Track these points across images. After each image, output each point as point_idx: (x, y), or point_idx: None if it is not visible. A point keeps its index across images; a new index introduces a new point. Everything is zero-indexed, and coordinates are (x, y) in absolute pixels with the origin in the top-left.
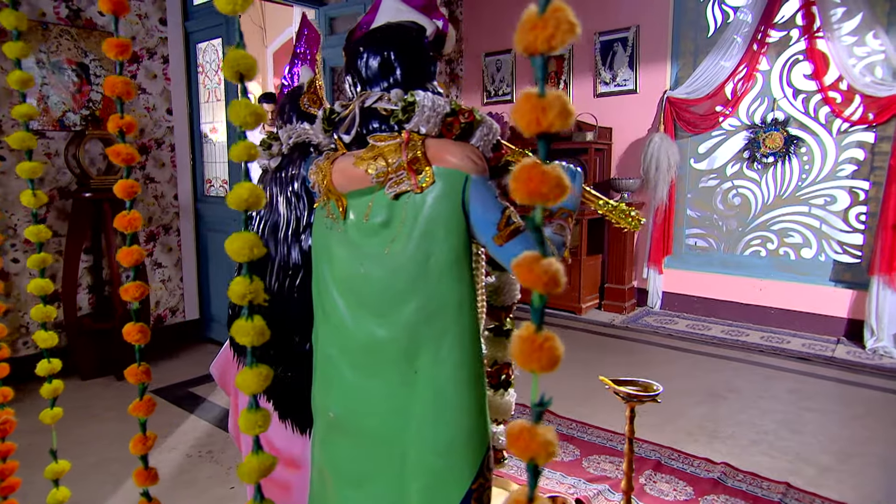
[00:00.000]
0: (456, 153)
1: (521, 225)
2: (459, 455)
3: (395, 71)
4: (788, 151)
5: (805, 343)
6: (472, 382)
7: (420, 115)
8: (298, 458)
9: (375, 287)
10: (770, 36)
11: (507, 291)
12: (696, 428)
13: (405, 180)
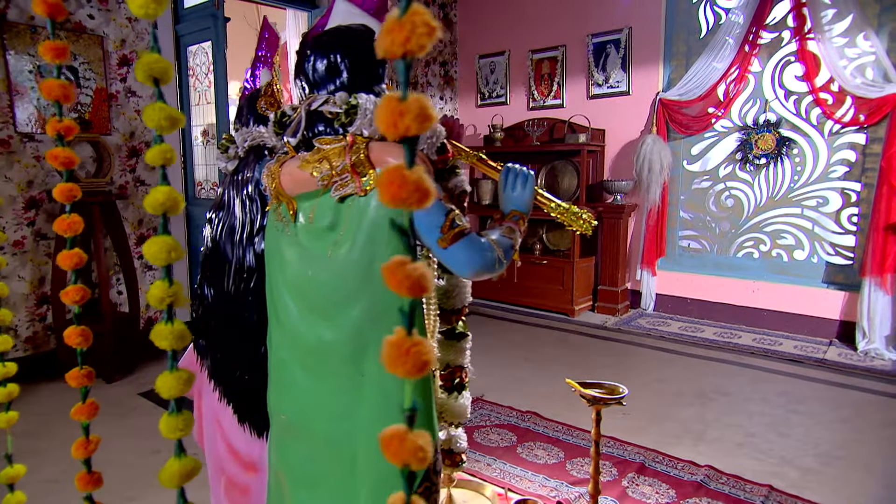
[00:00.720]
0: (398, 156)
1: (466, 228)
2: None
3: (342, 74)
4: (780, 153)
5: (797, 345)
6: (418, 385)
7: (362, 118)
8: (257, 462)
9: (323, 290)
10: (762, 37)
11: (457, 294)
12: (683, 430)
13: (350, 183)
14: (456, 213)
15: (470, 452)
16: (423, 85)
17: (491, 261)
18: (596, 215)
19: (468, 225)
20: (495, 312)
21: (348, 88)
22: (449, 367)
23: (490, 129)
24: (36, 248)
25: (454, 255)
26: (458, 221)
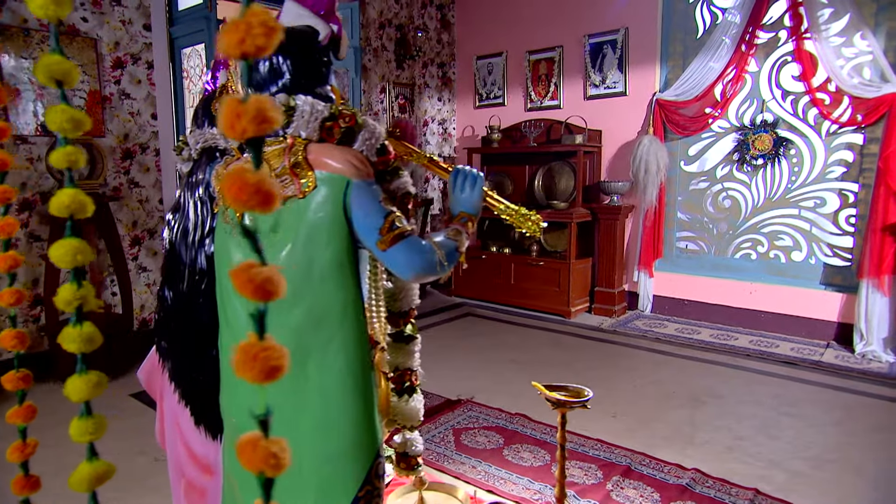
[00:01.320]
0: (337, 158)
1: (407, 230)
2: (346, 462)
3: (284, 75)
4: (778, 153)
5: (794, 347)
6: (358, 389)
7: (299, 120)
8: (212, 464)
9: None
10: (758, 37)
11: (403, 297)
12: (672, 433)
13: (290, 185)
14: (396, 215)
15: (455, 455)
16: (420, 86)
17: (432, 263)
18: (592, 216)
19: (410, 227)
20: (491, 314)
21: (291, 90)
22: (398, 369)
23: (487, 131)
24: (29, 249)
25: (394, 257)
26: (399, 224)
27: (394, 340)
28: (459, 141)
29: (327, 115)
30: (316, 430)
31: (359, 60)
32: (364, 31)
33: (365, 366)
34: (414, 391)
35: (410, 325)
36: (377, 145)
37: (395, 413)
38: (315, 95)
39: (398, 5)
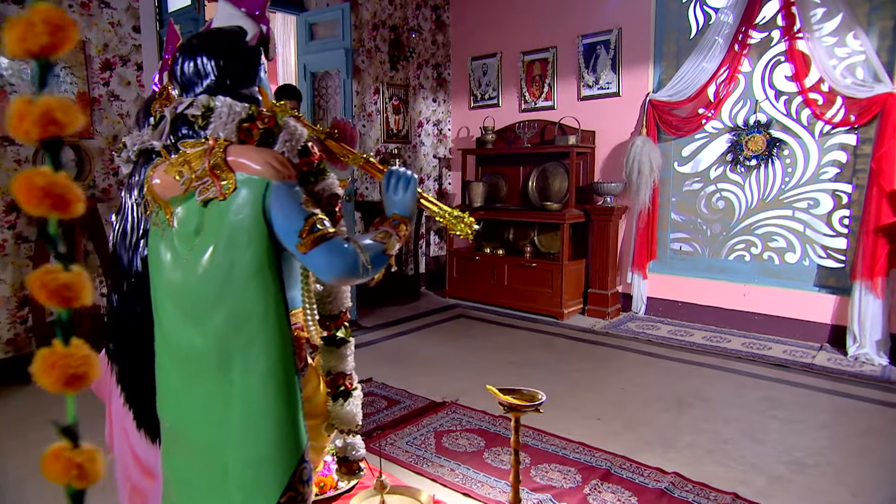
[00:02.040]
0: (256, 159)
1: (329, 232)
2: (269, 467)
3: (208, 76)
4: (771, 154)
5: (786, 349)
6: (281, 393)
7: (216, 121)
8: (153, 468)
9: (191, 295)
10: (751, 37)
11: (332, 300)
12: (655, 436)
13: (211, 187)
14: (318, 217)
15: (435, 457)
16: (415, 87)
17: (354, 266)
18: (586, 218)
19: (333, 229)
20: (483, 315)
21: (215, 90)
22: (331, 373)
23: (482, 132)
24: (17, 251)
25: (315, 259)
26: (320, 226)
27: (325, 344)
28: (455, 142)
29: (245, 117)
30: (240, 434)
31: (350, 62)
32: (357, 33)
33: (288, 369)
34: (349, 395)
35: (344, 328)
36: (298, 146)
37: (332, 417)
38: (239, 97)
39: (392, 6)
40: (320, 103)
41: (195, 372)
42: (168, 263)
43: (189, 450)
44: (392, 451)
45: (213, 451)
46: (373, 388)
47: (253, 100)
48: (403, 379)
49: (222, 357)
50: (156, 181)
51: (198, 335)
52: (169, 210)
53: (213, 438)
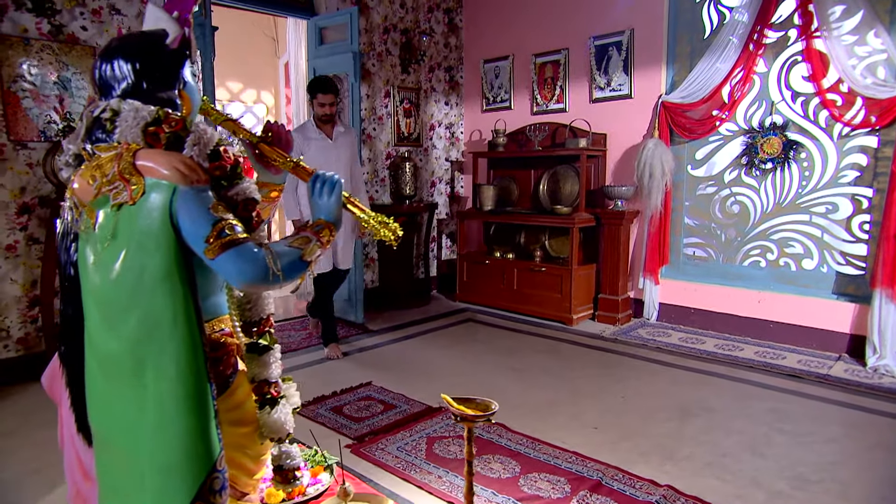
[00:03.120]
0: (163, 164)
1: (238, 238)
2: (178, 474)
3: (125, 79)
4: (788, 157)
5: (802, 359)
6: (191, 399)
7: (122, 125)
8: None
9: (107, 298)
10: (767, 36)
11: (254, 306)
12: (653, 447)
13: (123, 192)
14: (228, 222)
15: (424, 464)
16: (426, 90)
17: (263, 272)
18: (597, 222)
19: (243, 234)
20: (492, 319)
21: (132, 94)
22: (255, 381)
23: (493, 135)
24: (28, 252)
25: (223, 265)
26: (228, 231)
27: (248, 351)
28: (467, 145)
29: (150, 121)
30: (152, 440)
31: (358, 65)
32: (368, 36)
33: (199, 376)
34: (275, 403)
35: (268, 334)
36: (207, 150)
37: (261, 425)
38: (156, 100)
39: (403, 10)
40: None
41: (115, 376)
42: (91, 266)
43: (112, 454)
44: (381, 456)
45: (132, 457)
46: (371, 392)
47: (170, 103)
48: (404, 383)
49: (136, 362)
50: (75, 185)
51: (114, 339)
52: (92, 213)
53: (131, 444)
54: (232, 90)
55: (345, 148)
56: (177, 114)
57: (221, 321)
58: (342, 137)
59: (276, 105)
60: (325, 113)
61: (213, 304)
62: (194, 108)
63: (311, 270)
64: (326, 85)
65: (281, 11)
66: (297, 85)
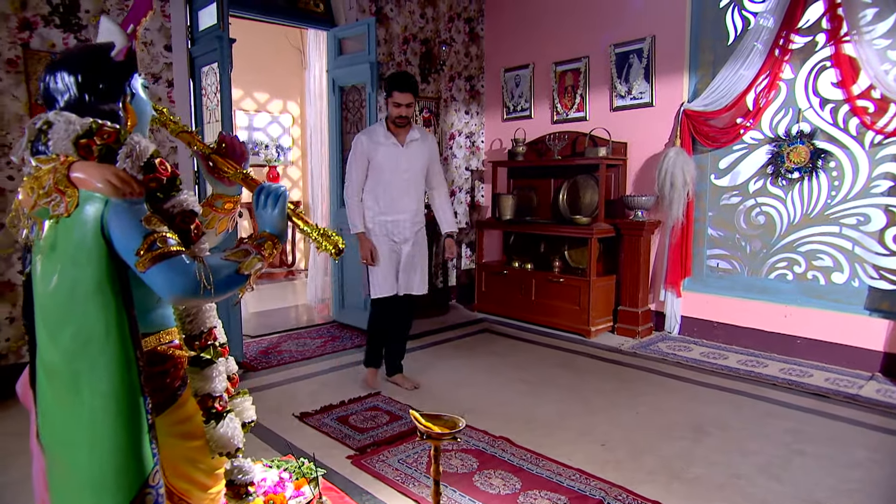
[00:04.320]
0: (95, 176)
1: (168, 250)
2: (108, 490)
3: (67, 92)
4: (816, 166)
5: (830, 378)
6: (122, 414)
7: (54, 137)
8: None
9: (48, 310)
10: (793, 42)
11: (194, 319)
12: (661, 466)
13: (60, 204)
14: (158, 235)
15: (424, 477)
16: (447, 100)
17: (192, 286)
18: (616, 232)
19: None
20: (509, 331)
21: (74, 106)
22: (198, 395)
23: (513, 144)
24: None
25: (153, 278)
26: (160, 244)
27: (190, 365)
28: (487, 154)
29: (82, 133)
30: (87, 455)
31: (375, 75)
32: (387, 46)
33: (132, 390)
34: (221, 417)
35: (211, 348)
36: (141, 162)
37: (208, 440)
38: (98, 113)
39: (423, 20)
40: (348, 117)
41: (57, 388)
42: (37, 277)
43: (57, 468)
44: (382, 468)
45: (72, 471)
46: (378, 403)
47: (112, 116)
48: (413, 394)
49: (72, 375)
50: (19, 196)
51: (55, 351)
52: (40, 224)
53: (71, 458)
54: (259, 100)
55: (417, 157)
56: (112, 125)
57: (169, 333)
58: (416, 145)
59: (301, 115)
60: (399, 115)
61: (159, 316)
62: (142, 121)
63: (251, 284)
64: (405, 82)
65: (301, 23)
66: (316, 96)
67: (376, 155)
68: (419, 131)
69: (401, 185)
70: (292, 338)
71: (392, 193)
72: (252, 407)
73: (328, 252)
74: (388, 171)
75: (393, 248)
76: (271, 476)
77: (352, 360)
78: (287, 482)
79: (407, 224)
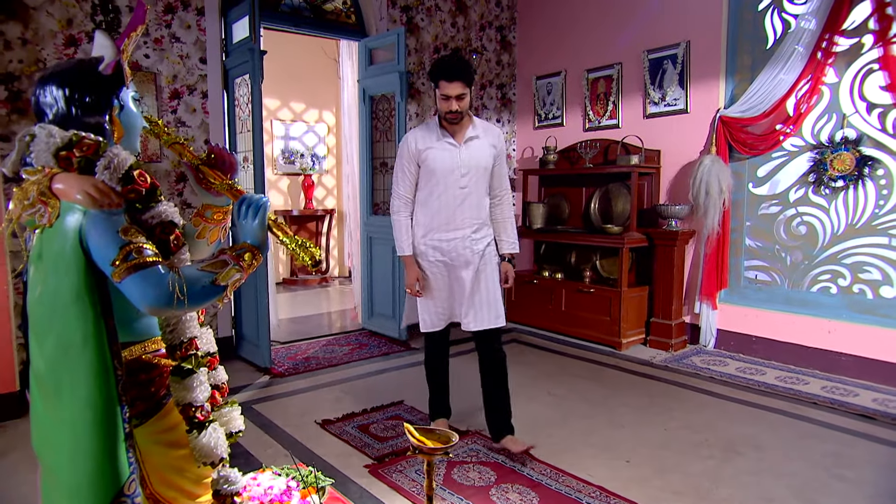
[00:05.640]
0: (74, 187)
1: (144, 261)
2: (83, 498)
3: (55, 105)
4: (862, 174)
5: (877, 398)
6: (98, 422)
7: (35, 149)
8: None
9: (35, 318)
10: (837, 44)
11: (175, 329)
12: (688, 486)
13: (44, 215)
14: (134, 245)
15: (440, 489)
16: (478, 108)
17: (165, 296)
18: (649, 242)
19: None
20: (537, 341)
21: (61, 119)
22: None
23: (544, 152)
24: None
25: (128, 288)
26: (135, 255)
27: (172, 374)
28: (519, 162)
29: (62, 145)
30: (68, 462)
31: (405, 85)
32: (418, 56)
33: (108, 399)
34: (203, 427)
35: (192, 358)
36: (119, 174)
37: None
38: (84, 126)
39: (454, 29)
40: (378, 126)
41: (44, 395)
42: (28, 285)
43: (46, 474)
44: (398, 478)
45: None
46: (400, 412)
47: (98, 129)
48: None
49: (56, 383)
50: (10, 206)
51: (41, 359)
52: (32, 234)
53: (54, 463)
54: (295, 110)
55: (478, 159)
56: (93, 138)
57: (154, 342)
58: (476, 143)
59: (336, 124)
60: (449, 110)
61: (144, 325)
62: (130, 133)
63: (228, 295)
64: (452, 68)
65: (333, 34)
66: (349, 105)
67: (427, 158)
68: (481, 126)
69: (458, 196)
70: (321, 345)
71: (447, 206)
72: (240, 417)
73: (305, 263)
74: (441, 177)
75: (449, 273)
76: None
77: (378, 369)
78: (294, 491)
79: (466, 243)
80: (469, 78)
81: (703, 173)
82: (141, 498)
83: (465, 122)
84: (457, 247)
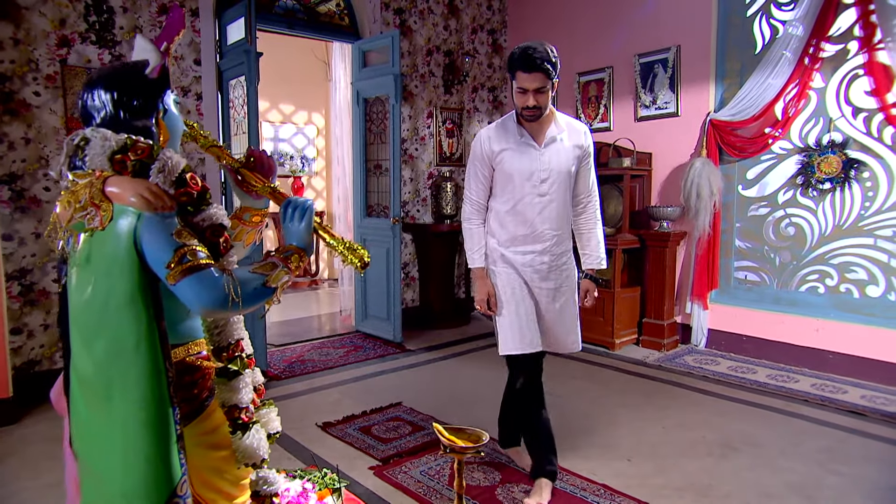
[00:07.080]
0: (128, 190)
1: (199, 263)
2: (139, 499)
3: (103, 109)
4: (848, 177)
5: (865, 395)
6: (152, 425)
7: (90, 153)
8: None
9: (82, 321)
10: (824, 50)
11: (222, 331)
12: (687, 483)
13: (95, 217)
14: (190, 248)
15: (446, 490)
16: (470, 110)
17: (221, 299)
18: (641, 243)
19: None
20: None
21: (110, 123)
22: (225, 406)
23: None
24: None
25: (183, 291)
26: (190, 257)
27: (218, 376)
28: None
29: (117, 148)
30: (119, 464)
31: (399, 87)
32: (411, 58)
33: (161, 400)
34: (247, 428)
35: (238, 359)
36: (173, 177)
37: (235, 450)
38: (133, 129)
39: (447, 32)
40: (371, 128)
41: (91, 398)
42: (72, 288)
43: (89, 476)
44: (404, 479)
45: (103, 480)
46: (400, 413)
47: (146, 132)
48: (435, 405)
49: (105, 385)
50: (56, 209)
51: (89, 361)
52: (75, 237)
53: (102, 467)
54: (284, 112)
55: (561, 160)
56: (146, 141)
57: (198, 344)
58: (558, 145)
59: (326, 126)
60: (526, 105)
61: (188, 328)
62: (174, 136)
63: (278, 297)
64: (529, 59)
65: (327, 37)
66: (340, 108)
67: (503, 160)
68: (565, 123)
69: (537, 204)
70: (315, 347)
71: (525, 215)
72: (277, 418)
73: (354, 266)
74: (518, 182)
75: (527, 288)
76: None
77: (374, 371)
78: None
79: (546, 257)
80: (551, 70)
81: (693, 175)
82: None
83: (545, 120)
84: (535, 261)
